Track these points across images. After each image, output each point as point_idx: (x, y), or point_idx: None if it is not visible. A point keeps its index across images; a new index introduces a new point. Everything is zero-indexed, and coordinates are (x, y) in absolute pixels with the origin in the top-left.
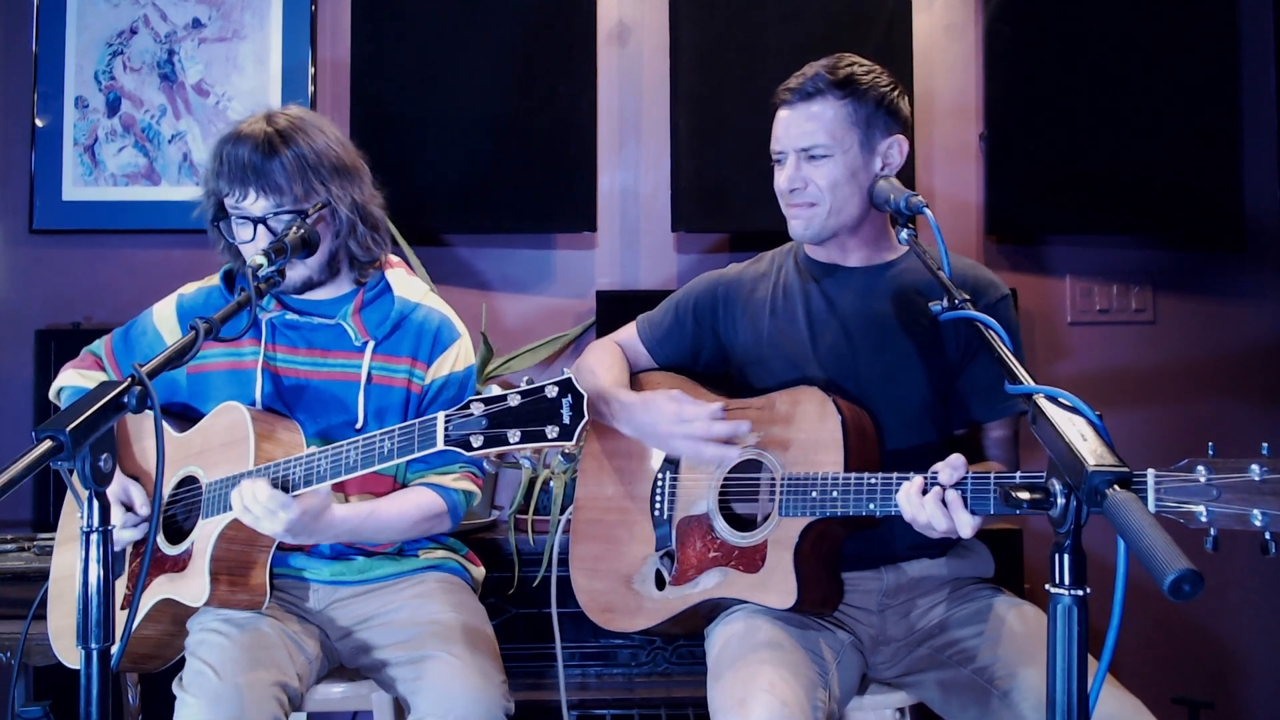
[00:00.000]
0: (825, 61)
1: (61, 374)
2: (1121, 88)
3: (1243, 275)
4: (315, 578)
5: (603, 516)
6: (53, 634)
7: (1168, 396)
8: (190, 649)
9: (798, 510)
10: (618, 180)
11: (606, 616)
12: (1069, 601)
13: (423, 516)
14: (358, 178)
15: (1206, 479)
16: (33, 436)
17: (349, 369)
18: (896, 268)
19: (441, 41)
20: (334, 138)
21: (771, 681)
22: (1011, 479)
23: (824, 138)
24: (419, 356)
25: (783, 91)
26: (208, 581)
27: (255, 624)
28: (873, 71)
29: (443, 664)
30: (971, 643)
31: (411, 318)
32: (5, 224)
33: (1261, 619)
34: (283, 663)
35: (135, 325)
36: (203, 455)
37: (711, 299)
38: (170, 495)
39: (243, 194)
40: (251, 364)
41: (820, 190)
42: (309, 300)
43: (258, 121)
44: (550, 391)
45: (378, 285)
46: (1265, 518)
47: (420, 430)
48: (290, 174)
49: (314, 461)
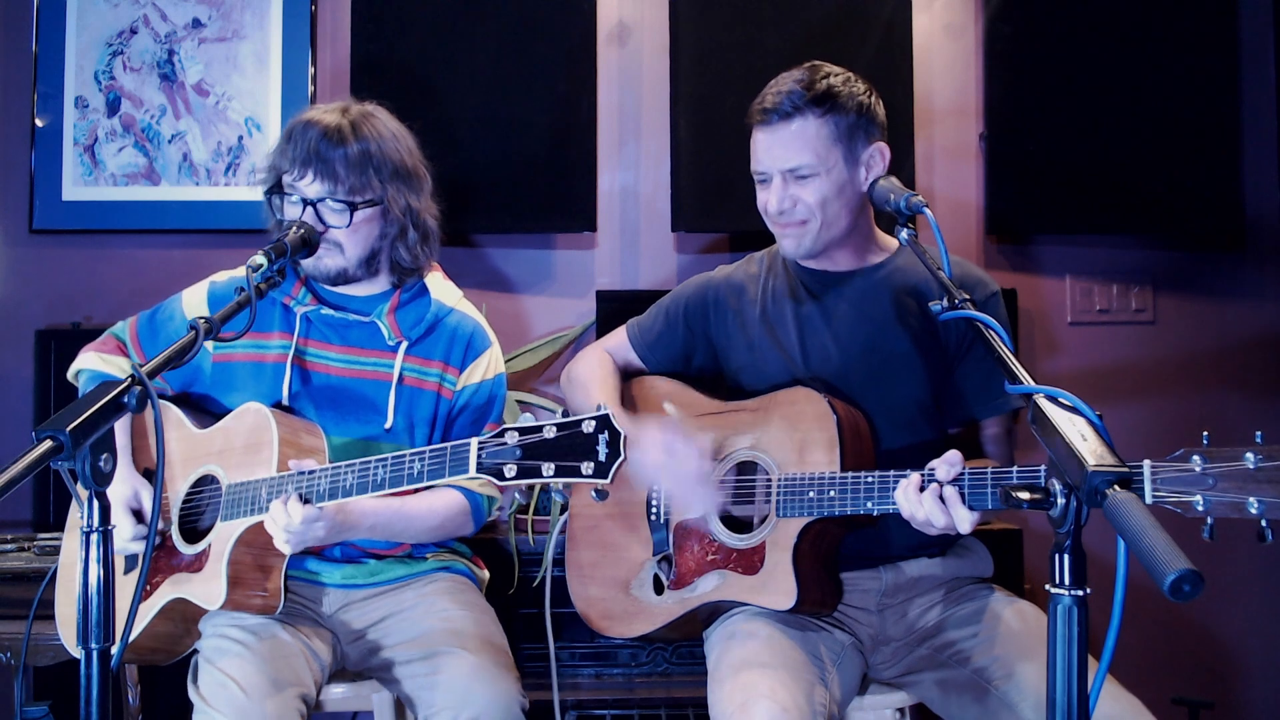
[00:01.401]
0: (799, 75)
1: (81, 355)
2: (1121, 87)
3: (1242, 275)
4: (329, 581)
5: (599, 524)
6: (60, 621)
7: (1167, 396)
8: (207, 655)
9: (795, 511)
10: (618, 180)
11: (604, 623)
12: (1069, 601)
13: (448, 515)
14: (417, 185)
15: (1202, 468)
16: (33, 436)
17: (381, 368)
18: (885, 269)
19: (441, 41)
20: (402, 142)
21: (772, 686)
22: (1008, 475)
23: (809, 157)
24: (451, 361)
25: (758, 112)
26: (225, 585)
27: (273, 632)
28: (848, 80)
29: (458, 660)
30: (971, 643)
31: (446, 321)
32: (5, 224)
33: (1261, 619)
34: (301, 673)
35: (162, 309)
36: (223, 455)
37: (702, 303)
38: (187, 493)
39: (301, 174)
40: (280, 357)
41: (810, 208)
42: (345, 295)
43: (333, 110)
44: (587, 427)
45: (415, 287)
46: (1261, 505)
47: (453, 454)
48: (350, 165)
49: (340, 476)
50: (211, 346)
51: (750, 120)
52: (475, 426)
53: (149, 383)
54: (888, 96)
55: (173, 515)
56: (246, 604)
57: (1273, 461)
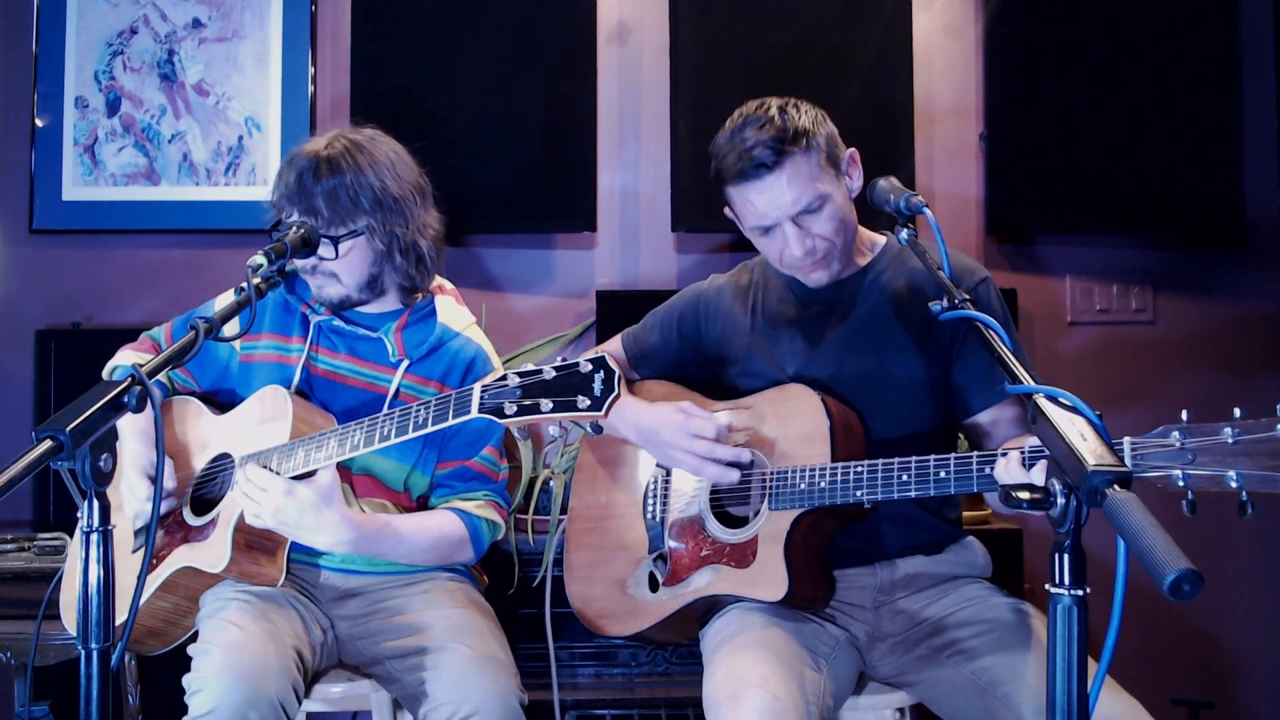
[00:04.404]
0: (759, 120)
1: (119, 354)
2: (1121, 87)
3: (1242, 275)
4: (328, 564)
5: (596, 525)
6: (63, 606)
7: (1167, 396)
8: (207, 614)
9: (787, 503)
10: (618, 180)
11: (602, 623)
12: (1069, 601)
13: (442, 537)
14: (407, 208)
15: (1181, 443)
16: (33, 436)
17: (380, 381)
18: (875, 269)
19: (441, 42)
20: (386, 167)
21: (764, 675)
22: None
23: (813, 192)
24: (449, 383)
25: (739, 173)
26: (229, 548)
27: (271, 595)
28: (796, 106)
29: (457, 654)
30: (970, 642)
31: (449, 345)
32: (5, 224)
33: (1261, 619)
34: (298, 630)
35: (196, 314)
36: (240, 433)
37: (694, 314)
38: (203, 472)
39: (289, 211)
40: (295, 359)
41: (829, 237)
42: (357, 311)
43: (321, 141)
44: (584, 367)
45: (425, 309)
46: (1240, 478)
47: (456, 399)
48: (329, 200)
49: (349, 432)
50: (239, 346)
51: (723, 181)
52: (471, 449)
53: (149, 382)
54: (888, 96)
55: (186, 492)
56: (249, 573)
57: (1249, 435)
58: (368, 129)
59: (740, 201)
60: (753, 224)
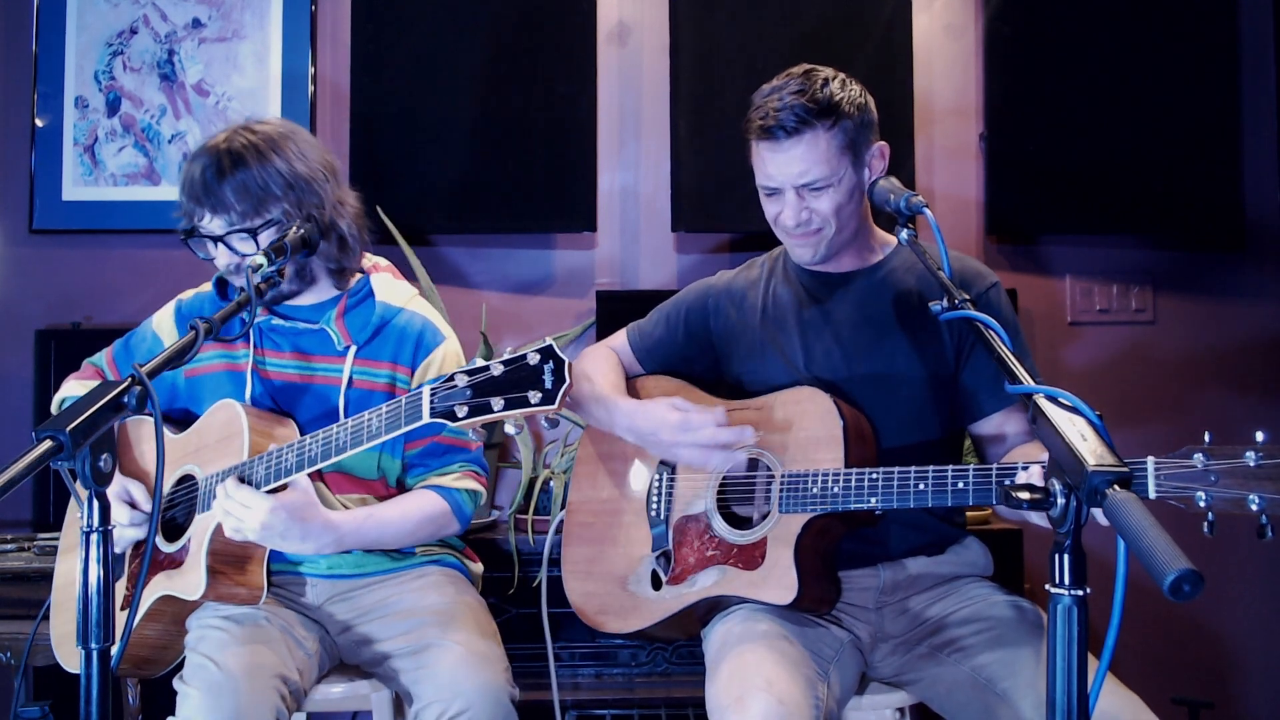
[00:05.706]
0: (796, 85)
1: (64, 385)
2: (1121, 87)
3: (1242, 275)
4: (312, 572)
5: (595, 519)
6: (55, 640)
7: (1167, 396)
8: (190, 644)
9: (798, 506)
10: (618, 180)
11: (601, 619)
12: (1069, 601)
13: (425, 518)
14: (315, 189)
15: (1204, 465)
16: (33, 436)
17: (331, 373)
18: (885, 268)
19: (441, 41)
20: (291, 150)
21: (769, 679)
22: None
23: (823, 170)
24: (400, 360)
25: (760, 128)
26: (204, 574)
27: (254, 619)
28: (845, 83)
29: (446, 651)
30: (970, 641)
31: (394, 323)
32: (5, 224)
33: (1261, 619)
34: (282, 655)
35: (135, 334)
36: (199, 453)
37: (702, 309)
38: (168, 496)
39: (200, 214)
40: (244, 365)
41: (825, 217)
42: (292, 306)
43: (217, 139)
44: (532, 359)
45: (361, 291)
46: (1262, 501)
47: (407, 405)
48: (238, 194)
49: (305, 447)
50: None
51: (748, 132)
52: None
53: (149, 382)
54: (888, 96)
55: (156, 518)
56: (229, 594)
57: (1272, 460)
58: (267, 121)
59: (756, 156)
60: (761, 181)
